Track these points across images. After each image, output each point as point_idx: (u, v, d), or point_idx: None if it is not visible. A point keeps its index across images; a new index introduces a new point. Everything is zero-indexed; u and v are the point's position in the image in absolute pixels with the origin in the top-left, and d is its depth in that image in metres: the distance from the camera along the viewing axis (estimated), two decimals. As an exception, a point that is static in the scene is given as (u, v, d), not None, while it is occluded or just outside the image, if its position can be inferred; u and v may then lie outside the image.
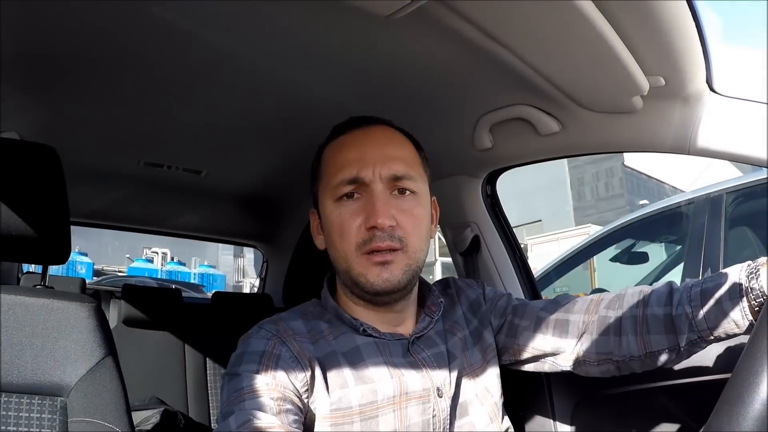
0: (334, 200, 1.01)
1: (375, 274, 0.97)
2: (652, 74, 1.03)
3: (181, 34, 1.13)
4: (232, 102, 1.46)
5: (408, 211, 1.00)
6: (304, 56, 1.19)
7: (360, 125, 1.06)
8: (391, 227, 0.97)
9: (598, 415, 1.40)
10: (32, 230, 1.10)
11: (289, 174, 2.05)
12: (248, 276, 23.21)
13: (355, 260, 0.99)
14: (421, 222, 1.03)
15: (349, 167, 1.00)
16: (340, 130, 1.08)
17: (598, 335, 1.06)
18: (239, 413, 0.82)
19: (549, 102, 1.21)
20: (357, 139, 1.04)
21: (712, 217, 2.91)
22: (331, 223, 1.02)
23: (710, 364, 1.21)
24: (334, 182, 1.01)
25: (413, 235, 1.00)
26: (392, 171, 0.99)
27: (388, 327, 1.06)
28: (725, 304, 0.90)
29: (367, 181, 0.98)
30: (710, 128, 1.06)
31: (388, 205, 0.98)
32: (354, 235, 0.98)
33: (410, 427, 0.96)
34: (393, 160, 1.01)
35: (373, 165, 0.99)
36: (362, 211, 0.98)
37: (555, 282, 4.38)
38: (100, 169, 2.09)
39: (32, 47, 1.21)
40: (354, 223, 0.98)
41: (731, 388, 0.63)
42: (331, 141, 1.09)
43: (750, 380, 0.61)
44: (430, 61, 1.15)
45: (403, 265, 0.99)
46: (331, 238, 1.03)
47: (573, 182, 27.25)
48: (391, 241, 0.97)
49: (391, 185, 1.00)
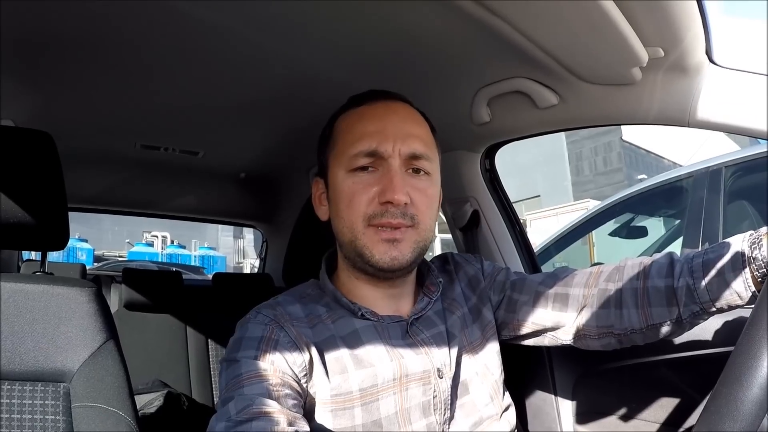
0: (348, 170, 0.99)
1: (383, 251, 0.96)
2: (651, 45, 1.02)
3: (173, 13, 1.11)
4: (227, 81, 1.44)
5: (423, 191, 0.99)
6: (298, 33, 1.17)
7: (381, 98, 1.04)
8: (405, 204, 0.96)
9: (598, 389, 1.41)
10: (30, 217, 1.10)
11: (287, 152, 2.05)
12: (248, 257, 23.28)
13: (361, 231, 0.97)
14: (434, 201, 1.03)
15: (369, 139, 0.97)
16: (359, 101, 1.05)
17: (598, 308, 1.06)
18: (238, 399, 0.82)
19: (547, 74, 1.20)
20: (378, 111, 1.02)
21: (711, 191, 2.91)
22: (341, 191, 1.00)
23: (711, 337, 1.21)
24: (350, 152, 0.99)
25: (426, 214, 0.99)
26: (412, 149, 0.98)
27: (386, 306, 1.05)
28: (727, 275, 0.89)
29: (386, 156, 0.97)
30: (710, 100, 1.05)
31: (405, 182, 0.97)
32: (364, 206, 0.97)
33: (411, 408, 0.96)
34: (413, 138, 0.99)
35: (394, 140, 0.97)
36: (376, 184, 0.97)
37: (554, 257, 4.39)
38: (97, 154, 2.09)
39: (24, 33, 1.20)
40: (366, 195, 0.97)
41: (735, 361, 0.63)
42: (347, 110, 1.06)
43: (753, 354, 0.60)
44: (426, 35, 1.13)
45: (413, 242, 0.98)
46: (338, 207, 1.01)
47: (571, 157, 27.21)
48: (403, 218, 0.96)
49: (407, 163, 0.99)
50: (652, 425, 1.25)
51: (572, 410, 1.43)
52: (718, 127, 1.06)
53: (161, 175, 2.39)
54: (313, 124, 1.11)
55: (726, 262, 0.90)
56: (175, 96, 1.56)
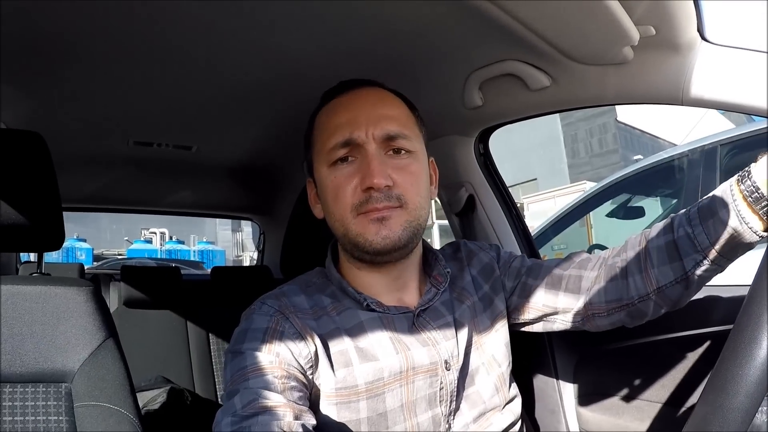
0: (329, 165, 0.99)
1: (373, 232, 0.96)
2: (641, 24, 1.01)
3: (162, 9, 1.10)
4: (218, 75, 1.43)
5: (404, 168, 0.99)
6: (286, 24, 1.16)
7: (350, 88, 1.04)
8: (387, 187, 0.95)
9: (599, 370, 1.41)
10: (24, 218, 1.09)
11: (280, 143, 2.04)
12: (247, 250, 23.28)
13: (351, 221, 0.97)
14: (419, 178, 1.01)
15: (341, 130, 0.98)
16: (330, 95, 1.06)
17: (606, 283, 1.04)
18: (244, 392, 0.82)
19: (538, 56, 1.19)
20: (347, 101, 1.02)
21: (707, 170, 2.91)
22: (326, 187, 1.00)
23: (711, 315, 1.21)
24: (327, 147, 0.99)
25: (411, 191, 0.98)
26: (385, 131, 0.97)
27: (391, 296, 1.05)
28: (721, 213, 0.87)
29: (360, 142, 0.96)
30: (703, 78, 1.05)
31: (384, 165, 0.96)
32: (350, 197, 0.96)
33: (417, 401, 0.96)
34: (385, 119, 0.98)
35: (366, 126, 0.97)
36: (357, 173, 0.96)
37: (552, 239, 4.39)
38: (90, 152, 2.08)
39: (12, 36, 1.18)
40: (349, 185, 0.96)
41: (734, 338, 0.62)
42: (321, 107, 1.07)
43: (752, 330, 0.60)
44: (415, 20, 1.12)
45: (403, 221, 0.97)
46: (327, 203, 1.01)
47: (567, 139, 27.15)
48: (389, 201, 0.95)
49: (385, 145, 0.98)
50: (654, 405, 1.25)
51: (574, 392, 1.43)
52: (712, 104, 1.06)
53: (156, 171, 2.38)
54: (306, 116, 1.11)
55: (718, 199, 0.89)
56: (166, 91, 1.55)
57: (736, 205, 0.86)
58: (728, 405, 0.60)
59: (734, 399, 0.59)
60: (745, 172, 0.87)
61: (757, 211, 0.84)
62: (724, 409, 0.60)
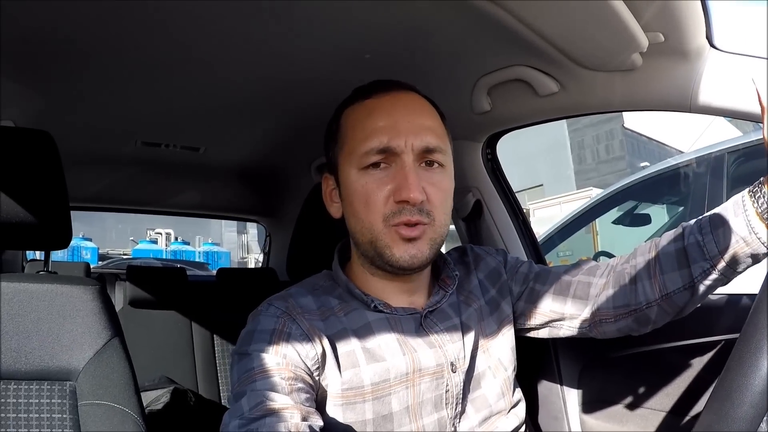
0: (360, 168, 0.96)
1: (402, 249, 0.94)
2: (651, 30, 1.01)
3: (172, 11, 1.10)
4: (226, 76, 1.44)
5: (437, 185, 0.96)
6: (296, 28, 1.16)
7: (388, 89, 1.01)
8: (421, 202, 0.93)
9: (604, 377, 1.41)
10: (32, 217, 1.10)
11: (288, 146, 2.04)
12: (252, 252, 23.30)
13: (382, 231, 0.95)
14: (449, 195, 1.00)
15: (378, 135, 0.94)
16: (364, 93, 1.02)
17: (614, 289, 1.04)
18: (251, 394, 0.81)
19: (547, 62, 1.19)
20: (386, 104, 0.98)
21: (714, 177, 2.90)
22: (355, 191, 0.97)
23: (716, 324, 1.21)
24: (361, 150, 0.95)
25: (440, 209, 0.97)
26: (425, 143, 0.95)
27: (400, 299, 1.04)
28: (732, 221, 0.88)
29: (398, 152, 0.94)
30: (711, 85, 1.05)
31: (419, 178, 0.94)
32: (381, 206, 0.94)
33: (423, 403, 0.96)
34: (425, 131, 0.96)
35: (406, 135, 0.94)
36: (390, 182, 0.94)
37: (558, 246, 4.38)
38: (98, 152, 2.08)
39: (23, 35, 1.19)
40: (381, 194, 0.94)
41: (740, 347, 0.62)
42: (353, 103, 1.03)
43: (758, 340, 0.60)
44: (424, 25, 1.12)
45: (429, 240, 0.96)
46: (354, 208, 0.98)
47: (573, 146, 27.08)
48: (420, 215, 0.93)
49: (421, 157, 0.96)
50: (658, 413, 1.25)
51: (578, 399, 1.43)
52: (720, 111, 1.06)
53: (163, 172, 2.39)
54: (314, 118, 1.11)
55: (729, 209, 0.90)
56: (175, 93, 1.55)
57: (747, 215, 0.87)
58: (733, 414, 0.59)
59: (739, 408, 0.59)
60: (758, 182, 0.87)
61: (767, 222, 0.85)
62: (729, 418, 0.60)
